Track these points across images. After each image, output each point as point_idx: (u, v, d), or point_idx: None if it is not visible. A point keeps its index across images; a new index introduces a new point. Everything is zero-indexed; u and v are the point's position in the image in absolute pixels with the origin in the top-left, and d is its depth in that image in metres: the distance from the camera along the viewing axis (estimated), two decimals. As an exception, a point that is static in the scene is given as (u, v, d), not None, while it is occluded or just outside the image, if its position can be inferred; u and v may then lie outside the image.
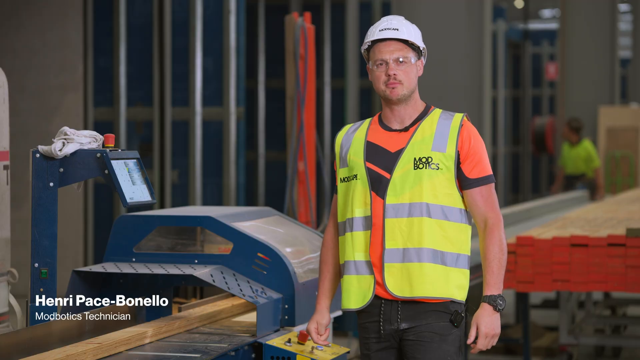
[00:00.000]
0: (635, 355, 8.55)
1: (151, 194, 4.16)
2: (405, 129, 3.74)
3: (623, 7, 23.97)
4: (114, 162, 4.03)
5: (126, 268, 4.40)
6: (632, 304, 9.61)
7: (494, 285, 3.67)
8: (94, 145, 4.09)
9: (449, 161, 3.69)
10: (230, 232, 4.50)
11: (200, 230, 4.78)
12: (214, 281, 4.26)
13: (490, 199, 3.71)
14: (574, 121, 14.04)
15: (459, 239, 3.69)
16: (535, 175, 23.30)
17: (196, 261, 4.52)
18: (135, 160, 4.15)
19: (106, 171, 4.02)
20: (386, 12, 14.19)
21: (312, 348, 4.11)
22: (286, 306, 4.40)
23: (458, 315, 3.68)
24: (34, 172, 4.05)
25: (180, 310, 4.52)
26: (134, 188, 4.08)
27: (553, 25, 24.77)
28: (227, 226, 4.51)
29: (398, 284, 3.66)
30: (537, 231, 6.96)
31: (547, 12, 29.52)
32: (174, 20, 10.62)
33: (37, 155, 4.04)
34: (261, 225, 4.83)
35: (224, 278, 4.34)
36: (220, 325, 4.47)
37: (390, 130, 3.76)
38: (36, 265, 4.05)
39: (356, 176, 3.73)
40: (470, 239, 3.75)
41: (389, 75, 3.70)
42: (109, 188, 6.01)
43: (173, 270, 4.36)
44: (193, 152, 10.56)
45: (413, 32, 3.75)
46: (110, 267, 4.40)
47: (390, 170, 3.69)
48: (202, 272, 4.31)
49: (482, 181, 3.71)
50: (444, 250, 3.66)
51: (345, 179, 3.78)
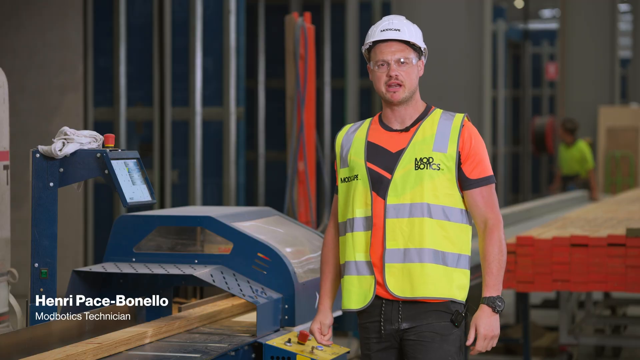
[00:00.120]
0: (635, 355, 8.54)
1: (151, 194, 4.16)
2: (406, 129, 3.74)
3: (623, 7, 23.97)
4: (114, 162, 4.03)
5: (126, 268, 4.39)
6: (632, 304, 9.60)
7: (493, 286, 3.66)
8: (94, 145, 4.09)
9: (450, 161, 3.68)
10: (230, 232, 4.50)
11: (200, 230, 4.77)
12: (214, 281, 4.25)
13: (491, 200, 3.71)
14: (568, 122, 13.97)
15: (459, 239, 3.69)
16: (535, 175, 23.30)
17: (196, 261, 4.51)
18: (135, 160, 4.15)
19: (106, 171, 4.02)
20: (386, 12, 14.18)
21: (312, 348, 4.10)
22: (286, 306, 4.40)
23: (459, 315, 3.68)
24: (34, 172, 4.04)
25: (180, 310, 4.52)
26: (134, 188, 4.08)
27: (553, 25, 24.78)
28: (227, 226, 4.50)
29: (399, 284, 3.65)
30: (537, 231, 6.95)
31: (547, 12, 29.52)
32: (174, 20, 10.61)
33: (37, 155, 4.04)
34: (261, 225, 4.82)
35: (224, 278, 4.33)
36: (220, 325, 4.47)
37: (391, 130, 3.75)
38: (36, 265, 4.04)
39: (357, 176, 3.73)
40: (470, 240, 3.75)
41: (390, 76, 3.70)
42: (109, 188, 6.01)
43: (173, 270, 4.36)
44: (193, 152, 10.56)
45: (414, 33, 3.75)
46: (110, 267, 4.40)
47: (391, 171, 3.69)
48: (202, 272, 4.31)
49: (483, 182, 3.71)
50: (445, 250, 3.66)
51: (346, 179, 3.77)
